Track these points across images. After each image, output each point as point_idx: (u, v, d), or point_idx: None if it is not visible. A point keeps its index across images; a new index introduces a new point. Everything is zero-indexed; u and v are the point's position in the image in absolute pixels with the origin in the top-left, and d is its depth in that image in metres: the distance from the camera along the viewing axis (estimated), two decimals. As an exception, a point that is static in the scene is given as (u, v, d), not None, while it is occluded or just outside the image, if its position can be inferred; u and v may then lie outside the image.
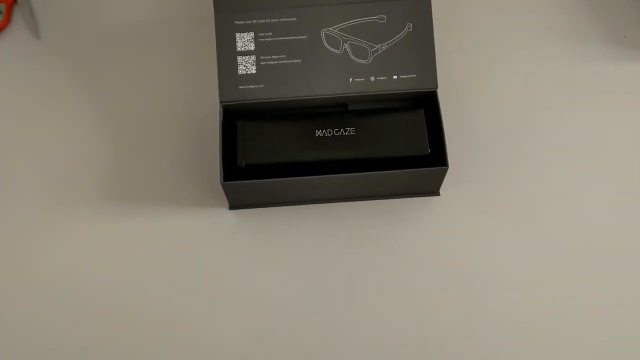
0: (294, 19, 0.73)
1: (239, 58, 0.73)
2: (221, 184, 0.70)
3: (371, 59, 0.73)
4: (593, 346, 0.71)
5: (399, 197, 0.77)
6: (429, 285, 0.74)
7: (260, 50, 0.73)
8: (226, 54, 0.73)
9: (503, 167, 0.78)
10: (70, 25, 0.87)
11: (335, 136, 0.72)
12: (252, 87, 0.73)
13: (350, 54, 0.74)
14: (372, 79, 0.73)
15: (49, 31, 0.86)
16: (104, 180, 0.79)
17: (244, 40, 0.73)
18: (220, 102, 0.73)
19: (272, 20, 0.74)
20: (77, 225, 0.77)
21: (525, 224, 0.76)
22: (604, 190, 0.77)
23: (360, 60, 0.73)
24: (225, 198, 0.74)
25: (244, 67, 0.73)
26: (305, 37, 0.73)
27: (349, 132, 0.72)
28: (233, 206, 0.75)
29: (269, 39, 0.73)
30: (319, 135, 0.72)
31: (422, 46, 0.73)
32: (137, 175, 0.79)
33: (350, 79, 0.73)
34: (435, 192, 0.77)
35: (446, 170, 0.71)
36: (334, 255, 0.75)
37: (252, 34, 0.73)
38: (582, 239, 0.75)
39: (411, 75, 0.74)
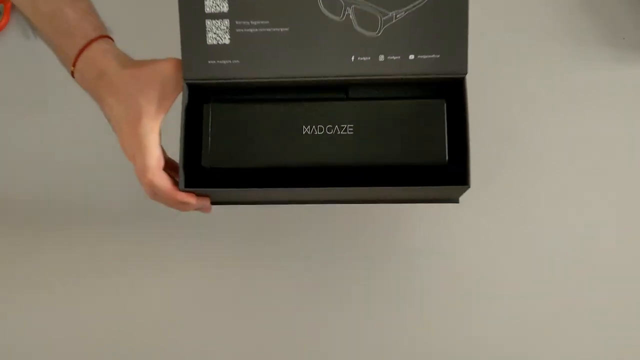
0: None
1: (208, 23, 0.56)
2: (181, 191, 0.56)
3: (382, 30, 0.55)
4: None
5: (404, 203, 0.62)
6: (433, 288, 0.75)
7: (236, 12, 0.55)
8: (191, 17, 0.56)
9: (501, 168, 0.78)
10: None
11: (328, 135, 0.56)
12: (224, 62, 0.56)
13: (355, 22, 0.55)
14: (381, 58, 0.56)
15: None
16: (104, 180, 0.80)
17: (215, -2, 0.56)
18: (185, 80, 0.56)
19: (252, -29, 0.55)
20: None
21: (525, 225, 0.77)
22: (603, 191, 0.78)
23: (367, 32, 0.56)
24: None
25: (215, 36, 0.56)
26: (296, -4, 0.55)
27: (346, 130, 0.56)
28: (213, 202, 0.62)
29: None
30: (306, 132, 0.56)
31: (451, 17, 0.55)
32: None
33: (353, 57, 0.56)
34: (453, 200, 0.62)
35: (466, 189, 0.55)
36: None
37: None
38: (581, 239, 0.76)
39: (433, 56, 0.56)
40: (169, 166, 0.58)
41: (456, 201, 0.62)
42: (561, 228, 0.77)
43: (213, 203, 0.60)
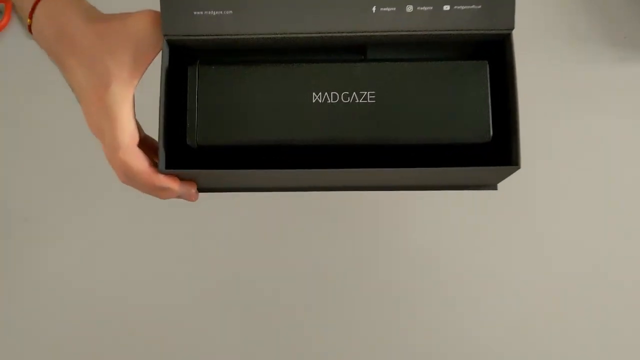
0: None
1: (194, -37, 0.45)
2: (160, 173, 0.45)
3: (410, -26, 0.45)
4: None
5: (435, 190, 0.52)
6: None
7: (229, -50, 0.45)
8: None
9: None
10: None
11: (344, 104, 0.45)
12: (213, 13, 0.45)
13: (377, -36, 0.45)
14: (409, 8, 0.45)
15: None
16: (104, 180, 0.78)
17: None
18: (164, 36, 0.45)
19: None
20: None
21: (525, 225, 0.77)
22: (604, 189, 0.78)
23: (391, -23, 0.45)
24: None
25: (202, -21, 0.45)
26: None
27: (365, 98, 0.45)
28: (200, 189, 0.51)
29: None
30: (317, 100, 0.45)
31: (496, -43, 0.44)
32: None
33: (374, 8, 0.45)
34: (491, 186, 0.51)
35: (514, 170, 0.45)
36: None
37: None
38: (581, 238, 0.77)
39: (473, 7, 0.45)
40: (145, 144, 0.47)
41: (494, 187, 0.51)
42: (561, 227, 0.78)
43: (200, 190, 0.49)
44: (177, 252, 0.81)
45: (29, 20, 0.47)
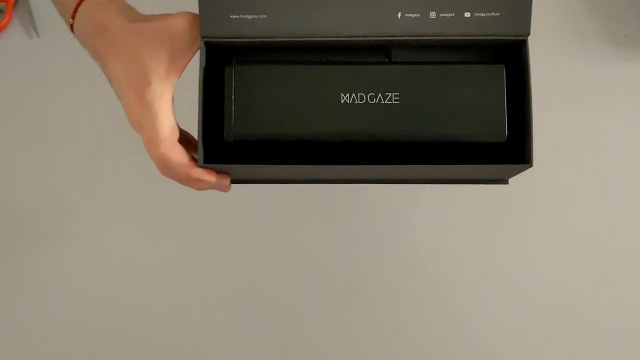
0: None
1: (232, -31, 0.48)
2: (200, 167, 0.48)
3: (434, -18, 0.48)
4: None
5: (452, 183, 0.55)
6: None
7: (265, -42, 0.47)
8: None
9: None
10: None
11: (370, 104, 0.48)
12: (248, 17, 0.48)
13: (403, -28, 0.48)
14: (432, 15, 0.48)
15: (50, 29, 0.86)
16: (104, 175, 0.82)
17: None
18: (202, 38, 0.48)
19: None
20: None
21: (526, 225, 0.78)
22: (605, 189, 0.79)
23: (417, -16, 0.48)
24: None
25: (239, -15, 0.48)
26: (336, -60, 0.47)
27: (390, 99, 0.48)
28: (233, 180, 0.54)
29: None
30: (345, 101, 0.48)
31: (515, -32, 0.47)
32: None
33: (399, 14, 0.48)
34: (502, 181, 0.55)
35: (527, 168, 0.48)
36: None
37: None
38: (582, 238, 0.78)
39: (492, 14, 0.48)
40: (184, 139, 0.50)
41: (506, 182, 0.55)
42: (562, 227, 0.78)
43: (233, 181, 0.52)
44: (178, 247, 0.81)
45: (71, 20, 0.50)
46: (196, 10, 0.48)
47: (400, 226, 0.79)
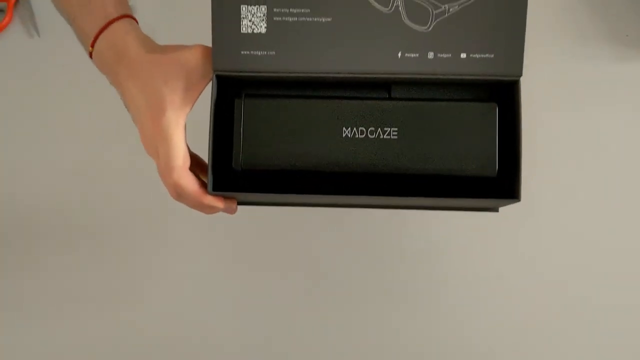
0: None
1: (243, 8, 0.50)
2: (210, 194, 0.51)
3: (432, 25, 0.51)
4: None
5: (445, 210, 0.59)
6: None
7: (275, -2, 0.50)
8: (224, 1, 0.50)
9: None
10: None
11: (369, 139, 0.51)
12: (258, 53, 0.51)
13: (404, 15, 0.51)
14: (431, 55, 0.51)
15: (50, 29, 0.86)
16: (104, 175, 0.82)
17: (252, -18, 0.50)
18: (214, 71, 0.51)
19: (294, -47, 0.50)
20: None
21: (526, 225, 0.77)
22: (604, 188, 0.78)
23: (416, 27, 0.51)
24: None
25: (250, 23, 0.51)
26: (341, -16, 0.50)
27: (389, 134, 0.51)
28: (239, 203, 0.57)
29: None
30: (346, 135, 0.51)
31: (509, 12, 0.51)
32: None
33: (400, 53, 0.51)
34: (492, 209, 0.58)
35: (514, 202, 0.52)
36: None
37: None
38: (582, 237, 0.77)
39: (486, 55, 0.51)
40: (194, 163, 0.53)
41: (495, 210, 0.59)
42: (562, 227, 0.77)
43: (239, 203, 0.56)
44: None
45: (90, 49, 0.52)
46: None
47: (400, 226, 0.79)
